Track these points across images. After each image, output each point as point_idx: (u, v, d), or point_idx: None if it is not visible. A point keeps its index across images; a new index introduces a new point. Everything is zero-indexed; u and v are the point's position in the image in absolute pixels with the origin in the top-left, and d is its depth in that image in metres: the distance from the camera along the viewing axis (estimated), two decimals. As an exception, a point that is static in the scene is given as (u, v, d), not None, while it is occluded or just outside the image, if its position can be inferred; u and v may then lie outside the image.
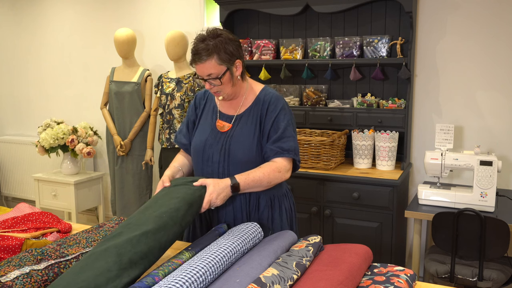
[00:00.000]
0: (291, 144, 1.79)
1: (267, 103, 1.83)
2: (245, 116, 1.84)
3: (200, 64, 1.72)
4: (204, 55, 1.70)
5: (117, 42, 3.68)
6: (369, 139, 3.05)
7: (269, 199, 1.86)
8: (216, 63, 1.71)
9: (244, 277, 1.26)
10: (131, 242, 1.31)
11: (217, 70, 1.73)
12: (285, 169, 1.78)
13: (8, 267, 1.35)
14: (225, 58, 1.72)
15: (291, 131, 1.81)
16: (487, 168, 2.54)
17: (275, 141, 1.78)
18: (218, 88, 1.77)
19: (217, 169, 1.81)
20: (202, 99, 1.97)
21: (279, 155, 1.78)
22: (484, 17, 2.95)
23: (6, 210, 2.10)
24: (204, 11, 3.81)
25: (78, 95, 4.52)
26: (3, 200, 5.07)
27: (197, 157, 1.87)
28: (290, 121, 1.83)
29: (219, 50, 1.71)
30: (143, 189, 3.80)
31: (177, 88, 3.45)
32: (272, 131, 1.80)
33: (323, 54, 3.20)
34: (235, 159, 1.79)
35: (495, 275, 2.37)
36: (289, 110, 1.86)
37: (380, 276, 1.40)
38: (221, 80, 1.74)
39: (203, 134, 1.87)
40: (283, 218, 1.89)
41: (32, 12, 4.63)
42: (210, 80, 1.75)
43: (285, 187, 1.95)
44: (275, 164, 1.76)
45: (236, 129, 1.83)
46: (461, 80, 3.06)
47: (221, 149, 1.81)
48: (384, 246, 2.81)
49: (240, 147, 1.79)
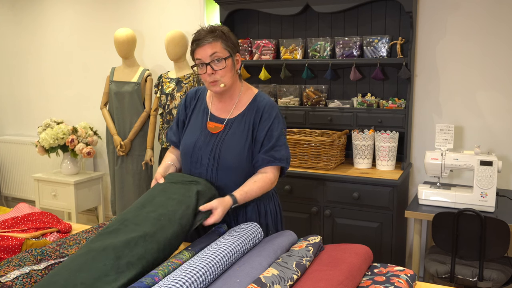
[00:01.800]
0: (283, 153, 1.80)
1: (261, 110, 1.81)
2: (238, 121, 1.82)
3: (206, 44, 1.70)
4: (210, 37, 1.70)
5: (117, 42, 3.68)
6: (369, 139, 3.05)
7: (256, 204, 1.85)
8: (221, 46, 1.72)
9: (244, 277, 1.25)
10: (128, 245, 1.31)
11: (222, 53, 1.73)
12: (275, 179, 1.82)
13: (8, 267, 1.35)
14: (230, 45, 1.75)
15: (283, 140, 1.82)
16: (487, 168, 2.54)
17: (268, 150, 1.78)
18: (221, 74, 1.74)
19: (205, 172, 1.79)
20: (193, 99, 1.94)
21: (271, 163, 1.77)
22: (484, 17, 2.95)
23: (6, 210, 2.10)
24: (204, 11, 3.81)
25: (78, 95, 4.51)
26: (3, 200, 5.07)
27: (186, 159, 1.85)
28: (282, 129, 1.83)
29: (224, 37, 1.74)
30: (143, 189, 3.79)
31: (177, 88, 3.45)
32: (266, 140, 1.79)
33: (323, 54, 3.20)
34: (224, 164, 1.77)
35: (495, 275, 2.37)
36: (282, 117, 1.87)
37: (380, 276, 1.40)
38: (226, 61, 1.73)
39: (193, 135, 1.85)
40: (269, 220, 1.89)
41: (32, 12, 4.63)
42: (213, 63, 1.72)
43: (271, 190, 1.93)
44: (268, 176, 1.77)
45: (228, 134, 1.80)
46: (461, 80, 3.06)
47: (210, 153, 1.78)
48: (384, 246, 2.81)
49: (231, 153, 1.77)
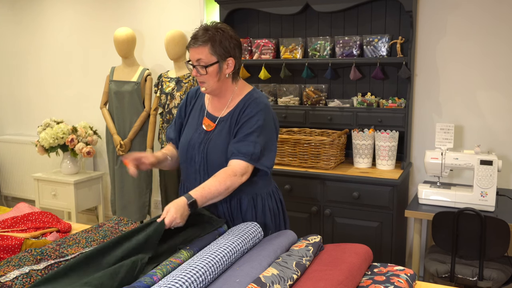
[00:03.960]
0: (249, 149, 1.74)
1: (246, 106, 1.82)
2: (225, 120, 1.84)
3: (194, 48, 1.76)
4: (199, 41, 1.74)
5: (117, 42, 3.68)
6: (369, 138, 3.04)
7: (252, 198, 1.84)
8: (208, 52, 1.75)
9: (244, 277, 1.25)
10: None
11: (207, 59, 1.75)
12: (240, 172, 1.72)
13: (7, 267, 1.34)
14: (218, 51, 1.75)
15: (255, 137, 1.75)
16: (487, 168, 2.53)
17: (236, 142, 1.77)
18: (204, 78, 1.79)
19: (198, 169, 1.84)
20: (193, 98, 1.99)
21: (235, 156, 1.74)
22: (484, 17, 2.95)
23: (6, 210, 2.10)
24: (204, 10, 3.81)
25: (77, 95, 4.51)
26: (3, 200, 5.07)
27: (182, 156, 1.91)
28: (261, 127, 1.77)
29: (214, 41, 1.74)
30: (143, 188, 3.79)
31: (177, 87, 3.44)
32: (239, 131, 1.78)
33: (323, 54, 3.20)
34: (212, 161, 1.80)
35: (495, 275, 2.37)
36: (268, 116, 1.81)
37: (380, 275, 1.40)
38: (207, 69, 1.76)
39: (189, 133, 1.90)
40: (267, 217, 1.87)
41: (32, 12, 4.62)
42: (197, 67, 1.77)
43: (272, 186, 1.93)
44: (230, 168, 1.72)
45: (215, 132, 1.84)
46: (461, 80, 3.06)
47: (201, 151, 1.83)
48: (384, 246, 2.81)
49: (217, 150, 1.80)
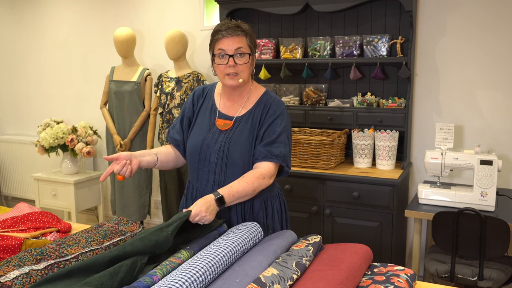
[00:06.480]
0: (281, 150, 1.77)
1: (268, 106, 1.83)
2: (246, 119, 1.83)
3: (233, 36, 1.74)
4: (239, 31, 1.75)
5: (117, 42, 3.68)
6: (369, 138, 3.04)
7: (263, 201, 1.85)
8: (246, 42, 1.77)
9: (244, 277, 1.25)
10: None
11: (245, 49, 1.77)
12: (269, 175, 1.75)
13: (7, 267, 1.34)
14: (252, 44, 1.79)
15: (284, 138, 1.80)
16: (487, 168, 2.53)
17: (266, 144, 1.77)
18: (241, 69, 1.77)
19: (214, 169, 1.80)
20: (201, 97, 1.94)
21: (267, 159, 1.75)
22: (484, 17, 2.95)
23: (6, 209, 2.09)
24: (204, 10, 3.81)
25: (77, 95, 4.51)
26: (3, 199, 5.07)
27: (194, 157, 1.85)
28: (286, 127, 1.82)
29: (250, 34, 1.79)
30: (142, 188, 3.79)
31: (177, 87, 3.44)
32: (266, 134, 1.79)
33: (323, 53, 3.20)
34: (232, 161, 1.77)
35: (495, 275, 2.37)
36: (287, 116, 1.86)
37: (380, 275, 1.40)
38: (249, 58, 1.77)
39: (201, 133, 1.85)
40: (275, 219, 1.89)
41: (32, 12, 4.62)
42: (236, 56, 1.75)
43: (276, 188, 1.94)
44: (259, 171, 1.73)
45: (236, 131, 1.81)
46: (461, 79, 3.06)
47: (219, 150, 1.79)
48: (384, 246, 2.81)
49: (239, 150, 1.77)
